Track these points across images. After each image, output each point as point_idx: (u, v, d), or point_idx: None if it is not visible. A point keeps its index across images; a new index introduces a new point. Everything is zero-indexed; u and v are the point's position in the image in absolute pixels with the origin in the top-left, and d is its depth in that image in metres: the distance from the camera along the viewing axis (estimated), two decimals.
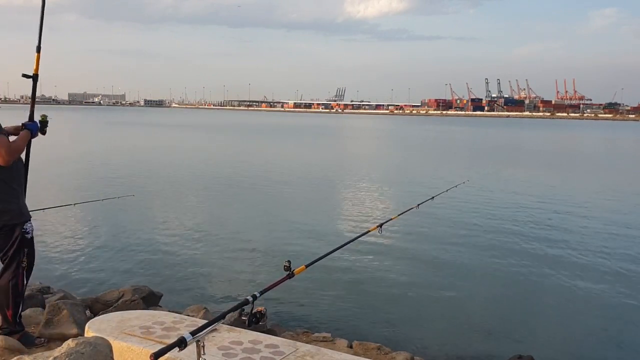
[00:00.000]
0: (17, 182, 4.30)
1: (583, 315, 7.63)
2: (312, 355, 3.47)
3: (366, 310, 7.53)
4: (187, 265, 9.38)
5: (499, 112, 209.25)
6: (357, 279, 8.75)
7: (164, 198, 16.15)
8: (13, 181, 4.24)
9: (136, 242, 10.81)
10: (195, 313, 6.29)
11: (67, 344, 3.00)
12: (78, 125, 67.47)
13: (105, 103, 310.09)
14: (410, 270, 9.36)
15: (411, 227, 12.02)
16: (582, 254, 10.40)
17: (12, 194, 4.23)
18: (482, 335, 6.88)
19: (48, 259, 9.45)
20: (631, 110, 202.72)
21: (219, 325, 3.35)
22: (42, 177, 16.34)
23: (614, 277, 9.10)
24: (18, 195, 4.29)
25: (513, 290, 8.58)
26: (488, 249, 10.68)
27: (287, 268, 2.96)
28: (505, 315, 7.66)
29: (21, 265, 4.25)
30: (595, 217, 14.22)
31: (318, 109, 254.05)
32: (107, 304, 6.24)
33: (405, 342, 6.36)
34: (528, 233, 12.07)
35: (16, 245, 4.21)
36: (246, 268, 9.31)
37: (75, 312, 4.93)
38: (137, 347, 3.53)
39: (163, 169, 23.48)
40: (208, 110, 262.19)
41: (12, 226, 4.20)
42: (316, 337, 5.95)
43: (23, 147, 4.25)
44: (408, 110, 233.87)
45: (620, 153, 42.21)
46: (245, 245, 10.77)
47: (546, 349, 6.39)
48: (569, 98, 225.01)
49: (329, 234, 11.88)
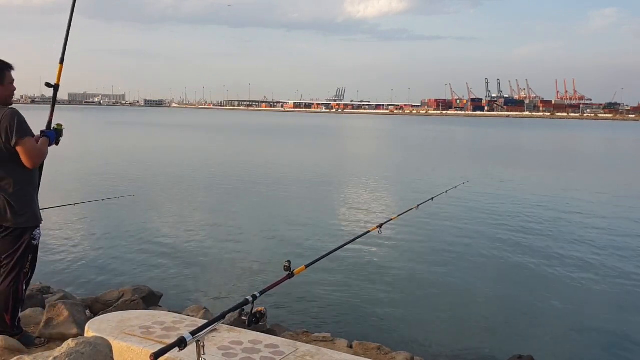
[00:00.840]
0: (34, 186, 4.27)
1: (583, 315, 7.63)
2: (312, 355, 3.47)
3: (366, 310, 7.53)
4: (187, 265, 9.38)
5: (499, 112, 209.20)
6: (357, 279, 8.75)
7: (164, 198, 16.14)
8: (31, 184, 4.21)
9: (136, 242, 10.81)
10: (195, 313, 6.29)
11: (67, 344, 3.00)
12: (78, 125, 67.43)
13: (105, 103, 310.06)
14: (410, 270, 9.36)
15: (411, 228, 12.02)
16: (582, 254, 10.40)
17: (30, 197, 4.20)
18: (482, 335, 6.88)
19: (48, 259, 9.45)
20: (631, 110, 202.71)
21: (219, 325, 3.35)
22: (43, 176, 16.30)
23: (614, 277, 9.10)
24: (35, 196, 4.27)
25: (513, 291, 8.58)
26: (488, 250, 10.69)
27: (287, 268, 2.97)
28: (505, 315, 7.66)
29: (23, 271, 4.19)
30: (596, 217, 14.22)
31: (318, 109, 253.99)
32: (107, 304, 6.24)
33: (405, 342, 6.36)
34: (528, 233, 12.07)
35: (22, 250, 4.15)
36: (246, 268, 9.30)
37: (75, 312, 4.93)
38: (137, 347, 3.52)
39: (163, 169, 23.48)
40: (208, 110, 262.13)
41: (23, 230, 4.15)
42: (316, 337, 5.95)
43: (46, 152, 4.24)
44: (408, 110, 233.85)
45: (620, 153, 42.19)
46: (245, 245, 10.78)
47: (546, 349, 6.39)
48: (569, 98, 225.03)
49: (329, 234, 11.88)
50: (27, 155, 4.03)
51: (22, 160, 4.05)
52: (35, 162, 4.10)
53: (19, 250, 4.15)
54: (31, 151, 4.04)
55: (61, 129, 4.41)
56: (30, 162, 4.05)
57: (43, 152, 4.18)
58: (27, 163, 4.05)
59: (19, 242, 4.14)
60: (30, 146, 4.04)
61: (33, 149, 4.05)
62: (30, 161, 4.05)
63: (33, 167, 4.09)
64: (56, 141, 4.38)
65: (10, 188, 4.08)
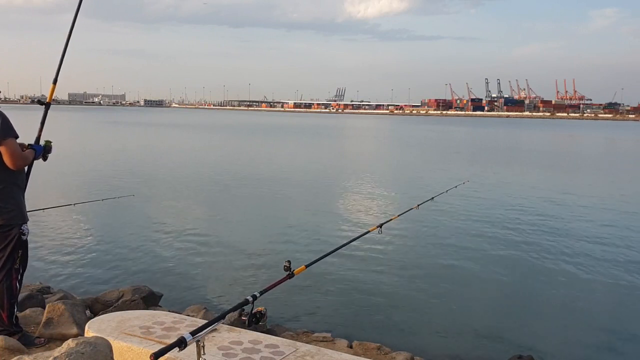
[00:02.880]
0: (19, 186, 4.33)
1: (583, 315, 7.62)
2: (312, 355, 3.47)
3: (366, 310, 7.53)
4: (187, 266, 9.37)
5: (499, 112, 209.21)
6: (357, 279, 8.75)
7: (164, 198, 16.14)
8: (15, 184, 4.27)
9: (136, 242, 10.81)
10: (195, 313, 6.29)
11: (67, 344, 2.99)
12: (78, 126, 67.46)
13: (105, 103, 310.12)
14: (410, 270, 9.36)
15: (411, 228, 12.03)
16: (583, 254, 10.40)
17: (15, 195, 4.26)
18: (482, 335, 6.87)
19: (48, 259, 9.45)
20: (631, 110, 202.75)
21: (219, 325, 3.35)
22: (42, 176, 16.34)
23: (615, 276, 9.10)
24: (21, 195, 4.33)
25: (513, 291, 8.59)
26: (488, 250, 10.68)
27: (287, 268, 2.97)
28: (505, 315, 7.66)
29: (14, 267, 4.24)
30: (596, 217, 14.22)
31: (318, 109, 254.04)
32: (107, 304, 6.25)
33: (405, 342, 6.36)
34: (528, 233, 12.07)
35: (12, 246, 4.21)
36: (246, 268, 9.30)
37: (75, 312, 4.93)
38: (137, 347, 3.52)
39: (163, 169, 23.48)
40: (208, 110, 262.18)
41: (11, 226, 4.22)
42: (316, 337, 5.96)
43: (30, 160, 4.30)
44: (408, 110, 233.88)
45: (620, 153, 42.20)
46: (245, 245, 10.77)
47: (546, 349, 6.39)
48: (569, 98, 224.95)
49: (329, 234, 11.87)
50: (9, 156, 4.09)
51: (4, 160, 4.11)
52: (16, 164, 4.14)
53: (9, 246, 4.21)
54: (13, 152, 4.10)
55: (49, 146, 4.47)
56: (11, 163, 4.11)
57: (26, 157, 4.23)
58: (9, 163, 4.11)
59: (7, 239, 4.20)
60: (12, 147, 4.10)
61: (15, 150, 4.11)
62: (11, 161, 4.10)
63: (14, 168, 4.14)
64: (43, 156, 4.44)
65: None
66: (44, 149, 4.43)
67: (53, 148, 4.50)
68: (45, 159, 4.47)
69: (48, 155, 4.48)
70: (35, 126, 4.42)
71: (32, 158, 4.33)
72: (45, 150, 4.43)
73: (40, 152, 4.40)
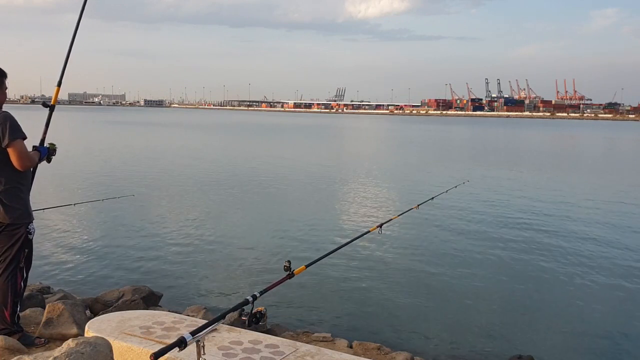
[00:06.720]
0: (26, 185, 4.38)
1: (583, 315, 7.62)
2: (312, 355, 3.46)
3: (366, 310, 7.52)
4: (187, 266, 9.37)
5: (499, 112, 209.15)
6: (357, 279, 8.75)
7: (164, 198, 16.14)
8: (21, 183, 4.32)
9: (136, 242, 10.81)
10: (195, 313, 6.29)
11: (67, 344, 2.99)
12: (78, 126, 67.45)
13: (105, 103, 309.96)
14: (410, 270, 9.36)
15: (411, 228, 12.03)
16: (583, 254, 10.40)
17: (22, 195, 4.30)
18: (482, 335, 6.87)
19: (48, 259, 9.45)
20: (631, 110, 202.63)
21: (219, 325, 3.35)
22: (42, 176, 16.29)
23: (614, 277, 9.10)
24: (27, 195, 4.38)
25: (513, 290, 8.58)
26: (488, 249, 10.68)
27: (287, 268, 2.97)
28: (505, 315, 7.66)
29: (19, 266, 4.28)
30: (596, 217, 14.21)
31: (318, 109, 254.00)
32: (107, 304, 6.25)
33: (405, 342, 6.36)
34: (528, 233, 12.07)
35: (19, 244, 4.25)
36: (246, 268, 9.30)
37: (75, 312, 4.93)
38: (137, 347, 3.52)
39: (163, 169, 23.48)
40: (208, 110, 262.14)
41: (18, 225, 4.26)
42: (316, 337, 5.96)
43: (36, 161, 4.38)
44: (408, 110, 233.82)
45: (620, 152, 42.18)
46: (245, 245, 10.77)
47: (546, 349, 6.39)
48: (569, 98, 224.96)
49: (329, 234, 11.88)
50: (17, 157, 4.15)
51: (12, 161, 4.16)
52: (24, 165, 4.21)
53: (16, 245, 4.25)
54: (21, 153, 4.16)
55: (54, 148, 4.53)
56: (19, 164, 4.17)
57: (32, 158, 4.31)
58: (17, 164, 4.17)
59: (14, 237, 4.24)
60: (21, 148, 4.16)
61: (23, 152, 4.18)
62: (19, 162, 4.17)
63: (22, 169, 4.21)
64: (48, 159, 4.51)
65: (1, 186, 4.20)
66: (49, 151, 4.48)
67: (57, 150, 4.55)
68: (49, 161, 4.54)
69: (52, 157, 4.54)
70: (36, 126, 4.44)
71: (37, 159, 4.38)
72: (49, 153, 4.49)
73: (45, 154, 4.46)
